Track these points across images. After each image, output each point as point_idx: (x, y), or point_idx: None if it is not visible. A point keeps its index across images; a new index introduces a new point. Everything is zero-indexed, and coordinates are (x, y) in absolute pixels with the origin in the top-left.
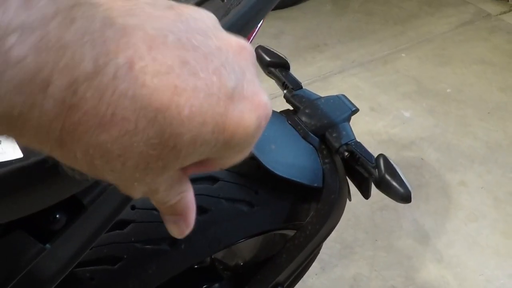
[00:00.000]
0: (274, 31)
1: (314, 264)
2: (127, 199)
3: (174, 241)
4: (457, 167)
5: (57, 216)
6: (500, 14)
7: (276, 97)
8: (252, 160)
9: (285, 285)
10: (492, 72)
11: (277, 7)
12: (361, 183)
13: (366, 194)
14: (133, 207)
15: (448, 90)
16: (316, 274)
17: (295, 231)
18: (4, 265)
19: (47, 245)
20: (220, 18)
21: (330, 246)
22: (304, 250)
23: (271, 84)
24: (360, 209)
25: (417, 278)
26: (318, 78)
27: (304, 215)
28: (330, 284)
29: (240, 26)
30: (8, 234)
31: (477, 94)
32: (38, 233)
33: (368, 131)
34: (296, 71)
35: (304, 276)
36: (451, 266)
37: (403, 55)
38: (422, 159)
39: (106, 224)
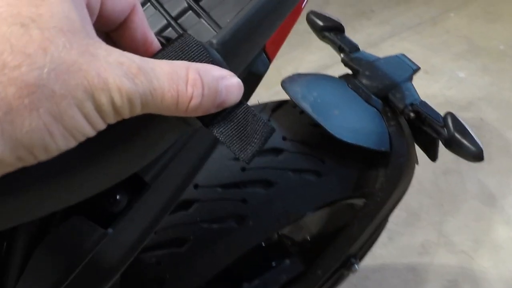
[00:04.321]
0: (319, 1)
1: (381, 234)
2: (191, 173)
3: (241, 218)
4: None
5: (118, 197)
6: None
7: (327, 67)
8: (316, 127)
9: (357, 256)
10: None
11: None
12: (428, 145)
13: (433, 156)
14: (196, 186)
15: (501, 47)
16: (384, 244)
17: (364, 199)
18: (65, 254)
19: (109, 230)
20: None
21: (395, 214)
22: (376, 218)
23: (323, 55)
24: (423, 174)
25: (486, 241)
26: (368, 45)
27: (372, 181)
28: (398, 253)
29: (248, 33)
30: (66, 221)
31: None
32: (99, 218)
33: (424, 94)
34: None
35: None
36: None
37: (451, 15)
38: (481, 119)
39: (171, 203)
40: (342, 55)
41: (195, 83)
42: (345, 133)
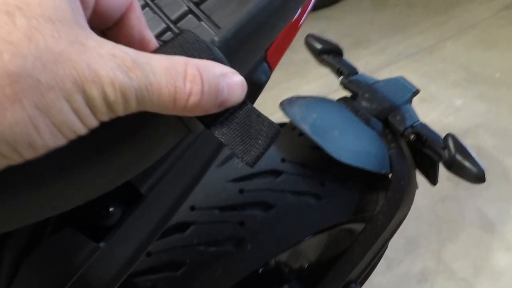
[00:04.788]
0: (316, 31)
1: (380, 262)
2: (190, 186)
3: (239, 241)
4: None
5: (111, 209)
6: None
7: (325, 96)
8: (316, 150)
9: (357, 282)
10: None
11: (316, 8)
12: (428, 168)
13: (433, 179)
14: (192, 208)
15: (498, 75)
16: (382, 272)
17: (364, 224)
18: (54, 268)
19: (101, 244)
20: (234, 9)
21: (393, 241)
22: (377, 242)
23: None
24: (420, 201)
25: (486, 268)
26: (366, 74)
27: (373, 205)
28: (397, 281)
29: (251, 32)
30: (56, 233)
31: None
32: (90, 231)
33: None
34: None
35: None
36: None
37: (448, 43)
38: (479, 146)
39: (168, 216)
40: (341, 78)
41: (194, 79)
42: (345, 155)
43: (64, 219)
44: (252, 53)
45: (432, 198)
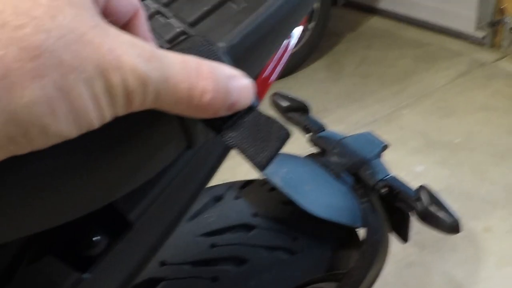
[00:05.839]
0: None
1: None
2: (181, 212)
3: None
4: (479, 214)
5: (96, 238)
6: (495, 61)
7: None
8: (287, 205)
9: None
10: (497, 117)
11: None
12: (399, 223)
13: (404, 236)
14: (162, 263)
15: (457, 140)
16: None
17: (337, 283)
18: None
19: (86, 275)
20: (229, 30)
21: None
22: None
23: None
24: (386, 267)
25: None
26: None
27: (345, 261)
28: None
29: (256, 42)
30: (37, 262)
31: (486, 140)
32: (74, 260)
33: None
34: (299, 138)
35: None
36: None
37: (405, 112)
38: None
39: (157, 246)
40: (308, 134)
41: (207, 76)
42: (318, 209)
43: (44, 247)
44: (257, 62)
45: (397, 265)
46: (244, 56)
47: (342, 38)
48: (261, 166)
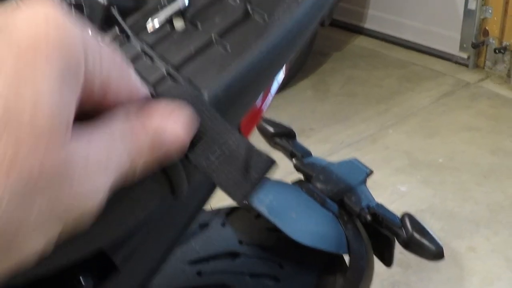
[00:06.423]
0: None
1: None
2: (166, 254)
3: None
4: (463, 233)
5: (81, 281)
6: (478, 82)
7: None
8: (273, 232)
9: None
10: (480, 137)
11: None
12: (383, 249)
13: (388, 260)
14: None
15: (440, 160)
16: None
17: None
18: None
19: None
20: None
21: None
22: None
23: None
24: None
25: None
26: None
27: (331, 287)
28: None
29: (241, 88)
30: None
31: (469, 160)
32: None
33: None
34: (284, 159)
35: None
36: None
37: (390, 131)
38: None
39: (144, 284)
40: (294, 160)
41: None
42: (303, 236)
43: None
44: (239, 111)
45: (382, 284)
46: (229, 104)
47: (328, 58)
48: (239, 200)
